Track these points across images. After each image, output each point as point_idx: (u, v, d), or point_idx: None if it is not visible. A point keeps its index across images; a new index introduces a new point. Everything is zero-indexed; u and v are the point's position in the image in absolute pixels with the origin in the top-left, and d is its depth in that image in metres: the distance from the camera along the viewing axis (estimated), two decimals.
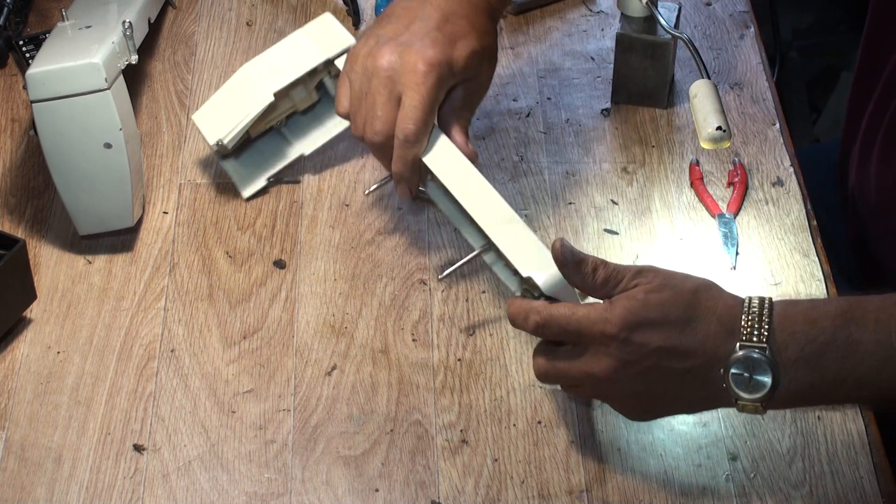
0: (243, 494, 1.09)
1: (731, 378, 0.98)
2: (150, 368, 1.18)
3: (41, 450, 1.12)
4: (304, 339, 1.19)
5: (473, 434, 1.12)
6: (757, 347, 0.97)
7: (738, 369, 0.97)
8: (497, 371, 1.17)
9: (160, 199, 1.31)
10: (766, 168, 1.32)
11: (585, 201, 1.30)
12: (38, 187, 1.32)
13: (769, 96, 1.39)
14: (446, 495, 1.09)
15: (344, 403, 1.15)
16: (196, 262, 1.26)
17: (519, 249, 1.09)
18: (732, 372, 0.98)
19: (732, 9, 1.49)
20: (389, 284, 1.23)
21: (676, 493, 1.08)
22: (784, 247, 1.25)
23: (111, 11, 1.31)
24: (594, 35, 1.47)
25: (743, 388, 0.98)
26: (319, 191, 1.31)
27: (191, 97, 1.40)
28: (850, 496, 1.07)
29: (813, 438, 1.11)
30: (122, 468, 1.11)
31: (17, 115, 1.39)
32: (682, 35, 1.31)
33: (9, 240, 1.17)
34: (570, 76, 1.42)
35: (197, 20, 1.49)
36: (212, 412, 1.14)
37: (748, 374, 0.97)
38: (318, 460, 1.11)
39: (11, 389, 1.16)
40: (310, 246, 1.27)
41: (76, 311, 1.22)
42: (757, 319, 0.98)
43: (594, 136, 1.36)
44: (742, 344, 0.97)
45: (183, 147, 1.36)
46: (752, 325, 0.98)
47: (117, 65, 1.23)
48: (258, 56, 1.27)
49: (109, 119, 1.20)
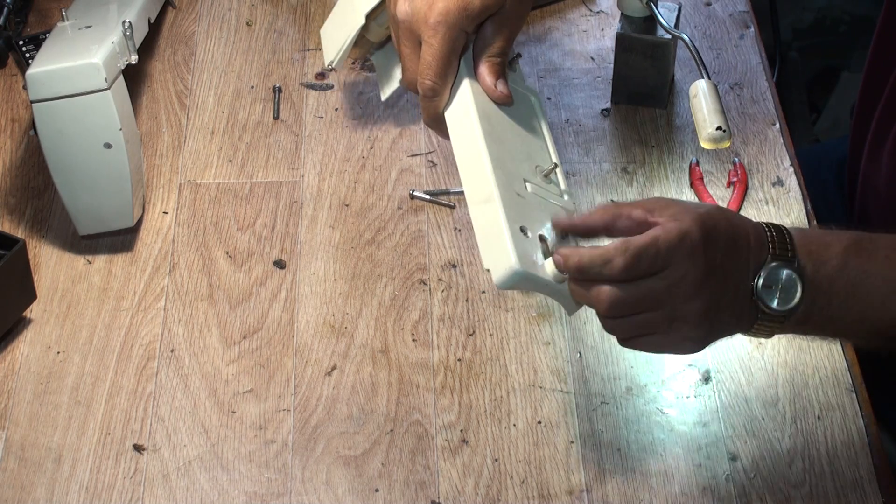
0: (243, 494, 1.09)
1: (763, 290, 0.97)
2: (150, 368, 1.18)
3: (41, 450, 1.12)
4: (304, 339, 1.19)
5: (473, 434, 1.12)
6: (786, 259, 0.97)
7: (770, 279, 0.97)
8: (497, 371, 1.17)
9: (160, 199, 1.31)
10: (766, 168, 1.32)
11: (585, 201, 1.30)
12: (38, 187, 1.32)
13: (769, 96, 1.39)
14: (446, 495, 1.09)
15: (344, 403, 1.15)
16: (196, 262, 1.26)
17: (486, 237, 1.01)
18: (762, 285, 0.97)
19: (732, 9, 1.48)
20: (389, 284, 1.23)
21: (676, 493, 1.08)
22: None
23: (111, 11, 1.31)
24: (594, 35, 1.47)
25: (772, 298, 0.97)
26: (319, 191, 1.31)
27: (191, 97, 1.40)
28: (850, 496, 1.07)
29: (813, 438, 1.11)
30: (122, 468, 1.11)
31: (17, 115, 1.39)
32: (682, 35, 1.31)
33: (9, 240, 1.17)
34: (570, 76, 1.42)
35: (197, 20, 1.49)
36: (212, 412, 1.14)
37: (777, 284, 0.97)
38: (318, 460, 1.11)
39: (11, 389, 1.16)
40: (310, 246, 1.27)
41: (76, 312, 1.22)
42: (780, 236, 0.98)
43: (594, 136, 1.36)
44: (772, 255, 0.97)
45: (183, 147, 1.36)
46: (777, 240, 0.98)
47: (117, 65, 1.23)
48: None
49: (109, 119, 1.20)
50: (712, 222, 0.97)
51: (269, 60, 1.44)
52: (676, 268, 0.95)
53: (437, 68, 1.07)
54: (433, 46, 1.06)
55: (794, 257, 0.97)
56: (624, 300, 0.96)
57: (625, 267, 0.95)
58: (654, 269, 0.96)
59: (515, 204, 1.02)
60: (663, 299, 0.96)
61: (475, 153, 1.05)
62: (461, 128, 1.07)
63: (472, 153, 1.05)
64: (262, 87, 1.41)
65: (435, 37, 1.06)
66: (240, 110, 1.39)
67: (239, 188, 1.32)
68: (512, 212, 1.00)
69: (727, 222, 0.98)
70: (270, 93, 1.41)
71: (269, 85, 1.41)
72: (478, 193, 1.02)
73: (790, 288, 0.97)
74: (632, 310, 0.97)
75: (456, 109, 1.08)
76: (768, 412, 1.14)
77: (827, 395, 1.15)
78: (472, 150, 1.05)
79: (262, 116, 1.38)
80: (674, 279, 0.95)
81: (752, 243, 0.98)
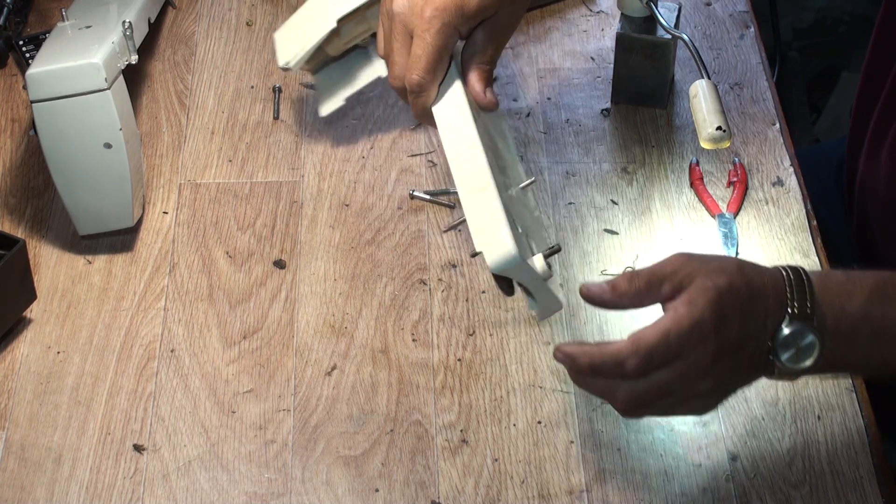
0: (243, 494, 1.09)
1: (780, 348, 0.98)
2: (150, 368, 1.18)
3: (41, 450, 1.12)
4: (304, 339, 1.19)
5: (473, 434, 1.12)
6: (804, 318, 0.97)
7: (787, 339, 0.97)
8: (497, 371, 1.17)
9: (160, 199, 1.31)
10: (766, 168, 1.32)
11: (585, 201, 1.30)
12: (38, 187, 1.32)
13: (769, 96, 1.39)
14: (446, 495, 1.09)
15: (344, 403, 1.15)
16: (196, 262, 1.26)
17: (481, 223, 1.02)
18: (781, 342, 0.97)
19: (732, 9, 1.48)
20: (389, 284, 1.23)
21: (676, 493, 1.08)
22: (784, 247, 1.25)
23: (111, 11, 1.31)
24: (594, 35, 1.47)
25: (790, 357, 0.97)
26: (319, 191, 1.31)
27: (191, 97, 1.40)
28: (850, 496, 1.07)
29: (813, 438, 1.11)
30: (122, 468, 1.11)
31: (17, 115, 1.39)
32: (682, 35, 1.31)
33: (9, 240, 1.17)
34: (570, 76, 1.42)
35: (197, 20, 1.49)
36: (212, 412, 1.14)
37: (795, 344, 0.97)
38: (318, 460, 1.11)
39: (11, 389, 1.16)
40: (310, 246, 1.27)
41: (76, 311, 1.22)
42: (799, 290, 0.98)
43: (594, 136, 1.36)
44: (791, 314, 0.97)
45: (183, 147, 1.36)
46: (797, 295, 0.98)
47: (117, 65, 1.23)
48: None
49: (109, 119, 1.20)
50: (730, 300, 0.97)
51: (269, 60, 1.44)
52: (687, 357, 0.97)
53: (427, 63, 1.07)
54: (425, 41, 1.06)
55: (813, 314, 0.97)
56: (638, 396, 0.98)
57: (637, 367, 0.96)
58: (666, 362, 0.97)
59: (505, 198, 1.03)
60: (676, 386, 0.98)
61: (469, 143, 1.05)
62: (453, 120, 1.08)
63: (466, 143, 1.06)
64: (262, 87, 1.41)
65: (429, 31, 1.06)
66: (240, 110, 1.39)
67: (239, 188, 1.32)
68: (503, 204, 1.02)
69: (746, 288, 0.98)
70: (270, 93, 1.41)
71: (269, 85, 1.41)
72: (472, 182, 1.03)
73: (808, 348, 0.97)
74: (645, 402, 0.99)
75: (447, 103, 1.09)
76: (768, 412, 1.14)
77: (827, 395, 1.15)
78: (466, 141, 1.06)
79: (262, 116, 1.38)
80: (684, 368, 0.97)
81: (771, 305, 0.98)
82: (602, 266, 1.24)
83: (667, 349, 0.96)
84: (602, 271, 1.23)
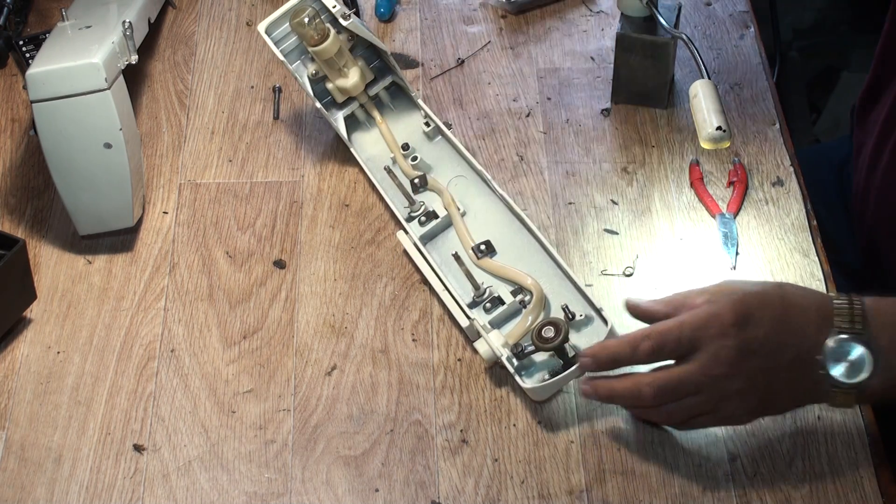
0: (243, 494, 1.09)
1: (829, 362, 0.98)
2: (150, 368, 1.18)
3: (41, 450, 1.12)
4: (304, 339, 1.19)
5: (473, 434, 1.12)
6: (853, 332, 0.98)
7: (835, 352, 0.98)
8: (497, 371, 1.17)
9: (160, 199, 1.31)
10: (766, 168, 1.32)
11: (585, 201, 1.30)
12: (38, 187, 1.32)
13: (769, 96, 1.39)
14: (446, 495, 1.09)
15: (344, 403, 1.15)
16: (196, 262, 1.26)
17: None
18: (829, 355, 0.98)
19: (732, 9, 1.48)
20: (389, 284, 1.23)
21: (676, 493, 1.08)
22: (784, 247, 1.25)
23: (111, 11, 1.31)
24: (594, 35, 1.47)
25: (843, 372, 0.98)
26: (319, 191, 1.31)
27: (191, 97, 1.40)
28: (850, 496, 1.07)
29: (813, 438, 1.11)
30: (122, 468, 1.11)
31: (17, 115, 1.39)
32: (682, 35, 1.31)
33: (9, 240, 1.17)
34: (570, 76, 1.42)
35: (197, 20, 1.49)
36: (212, 412, 1.14)
37: (844, 358, 0.97)
38: (318, 460, 1.11)
39: (11, 389, 1.16)
40: (310, 246, 1.27)
41: (76, 311, 1.22)
42: (847, 307, 0.99)
43: (594, 136, 1.36)
44: (839, 329, 0.98)
45: (183, 147, 1.36)
46: (845, 310, 0.99)
47: (117, 65, 1.23)
48: None
49: (109, 119, 1.20)
50: (757, 301, 0.99)
51: (269, 60, 1.44)
52: (706, 350, 1.00)
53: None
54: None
55: (863, 330, 0.97)
56: (665, 387, 1.03)
57: (650, 349, 1.01)
58: (680, 351, 1.01)
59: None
60: (702, 381, 1.02)
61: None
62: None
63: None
64: (262, 87, 1.41)
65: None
66: (240, 110, 1.39)
67: (239, 188, 1.32)
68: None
69: (780, 300, 1.00)
70: (270, 93, 1.41)
71: (269, 85, 1.41)
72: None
73: (859, 362, 0.98)
74: (675, 395, 1.04)
75: None
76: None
77: None
78: None
79: (262, 116, 1.38)
80: (705, 361, 1.00)
81: (813, 318, 0.99)
82: (602, 266, 1.24)
83: (680, 335, 1.00)
84: (602, 271, 1.23)
